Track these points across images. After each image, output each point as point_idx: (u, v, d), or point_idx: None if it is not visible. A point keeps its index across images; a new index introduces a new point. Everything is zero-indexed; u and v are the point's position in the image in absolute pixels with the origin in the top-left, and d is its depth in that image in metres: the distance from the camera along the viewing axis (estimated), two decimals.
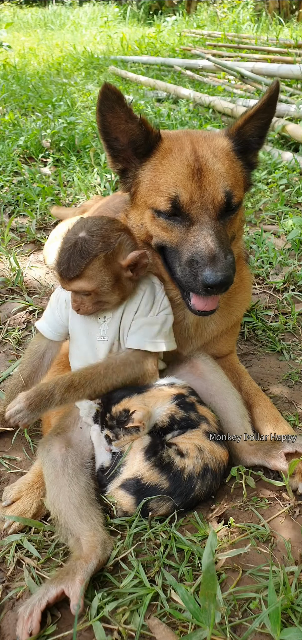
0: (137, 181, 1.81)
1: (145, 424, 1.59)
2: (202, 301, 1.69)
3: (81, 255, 1.61)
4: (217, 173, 1.70)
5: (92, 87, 7.79)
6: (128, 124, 1.73)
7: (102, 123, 1.74)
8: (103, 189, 4.19)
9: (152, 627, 1.29)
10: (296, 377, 2.29)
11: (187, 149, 1.74)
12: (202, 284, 1.57)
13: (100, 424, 1.66)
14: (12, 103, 6.77)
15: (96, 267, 1.63)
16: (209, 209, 1.67)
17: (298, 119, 5.36)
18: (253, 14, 15.64)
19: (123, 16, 18.77)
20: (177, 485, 1.54)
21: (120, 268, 1.69)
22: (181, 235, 1.69)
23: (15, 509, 1.58)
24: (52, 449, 1.61)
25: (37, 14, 19.40)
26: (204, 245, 1.59)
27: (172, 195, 1.67)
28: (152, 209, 1.74)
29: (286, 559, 1.46)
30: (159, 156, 1.76)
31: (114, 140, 1.78)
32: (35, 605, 1.28)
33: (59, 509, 1.49)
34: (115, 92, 1.66)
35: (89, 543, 1.41)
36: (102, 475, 1.61)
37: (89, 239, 1.63)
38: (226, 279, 1.54)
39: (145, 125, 1.73)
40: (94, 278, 1.64)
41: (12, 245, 3.43)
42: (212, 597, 1.25)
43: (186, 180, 1.67)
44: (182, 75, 8.45)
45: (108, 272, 1.66)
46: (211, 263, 1.55)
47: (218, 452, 1.64)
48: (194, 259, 1.60)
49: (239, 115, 1.88)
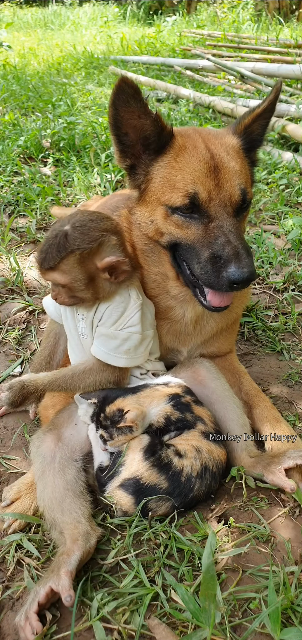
0: (148, 178, 1.78)
1: (139, 424, 1.59)
2: (218, 297, 1.70)
3: (58, 248, 1.60)
4: (232, 171, 1.71)
5: (92, 87, 7.80)
6: (141, 120, 1.70)
7: (115, 117, 1.70)
8: (103, 189, 4.19)
9: (152, 627, 1.29)
10: (296, 377, 2.29)
11: (200, 146, 1.75)
12: (227, 280, 1.57)
13: (95, 424, 1.66)
14: (12, 103, 6.78)
15: (70, 263, 1.61)
16: (226, 206, 1.68)
17: (298, 119, 5.36)
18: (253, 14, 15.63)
19: (123, 16, 18.78)
20: (176, 486, 1.54)
21: (96, 269, 1.66)
22: (199, 232, 1.68)
23: (15, 509, 1.59)
24: (41, 445, 1.63)
25: (37, 14, 19.40)
26: (227, 242, 1.60)
27: (190, 192, 1.67)
28: (166, 205, 1.72)
29: (286, 559, 1.46)
30: (174, 153, 1.75)
31: (124, 135, 1.75)
32: (28, 609, 1.29)
33: (44, 504, 1.51)
34: (132, 86, 1.63)
35: (71, 536, 1.41)
36: (101, 474, 1.61)
37: (70, 234, 1.62)
38: (251, 275, 1.56)
39: (160, 121, 1.72)
40: (68, 273, 1.63)
41: (12, 245, 3.43)
42: (212, 597, 1.25)
43: (203, 178, 1.68)
44: (182, 75, 8.45)
45: (81, 270, 1.63)
46: (235, 260, 1.56)
47: (216, 452, 1.64)
48: (217, 255, 1.61)
49: (246, 114, 1.91)
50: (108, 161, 4.66)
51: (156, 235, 1.80)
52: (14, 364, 2.34)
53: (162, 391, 1.70)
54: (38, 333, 2.58)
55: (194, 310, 1.94)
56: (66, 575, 1.31)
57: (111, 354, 1.71)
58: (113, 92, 1.65)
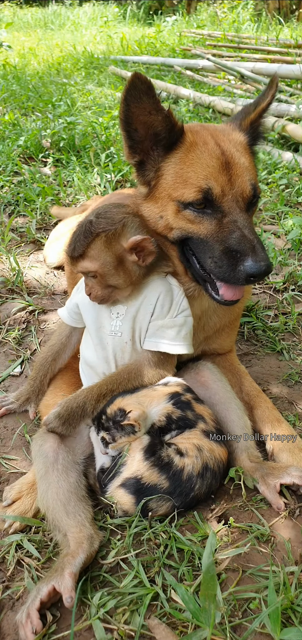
0: (159, 174, 1.79)
1: (142, 424, 1.59)
2: (231, 291, 1.72)
3: (85, 235, 1.66)
4: (243, 167, 1.75)
5: (92, 87, 7.80)
6: (151, 116, 1.71)
7: (126, 113, 1.71)
8: (103, 189, 4.19)
9: (152, 627, 1.29)
10: (296, 377, 2.29)
11: (210, 142, 1.77)
12: (245, 274, 1.60)
13: (96, 426, 1.66)
14: (12, 103, 6.78)
15: (98, 246, 1.66)
16: (238, 201, 1.71)
17: (298, 119, 5.36)
18: (253, 14, 15.63)
19: (123, 16, 18.78)
20: (177, 485, 1.54)
21: (123, 250, 1.69)
22: (212, 227, 1.70)
23: (16, 509, 1.58)
24: (44, 444, 1.62)
25: (37, 14, 19.41)
26: (242, 236, 1.63)
27: (204, 188, 1.68)
28: (177, 201, 1.73)
29: (286, 559, 1.46)
30: (185, 149, 1.77)
31: (134, 131, 1.76)
32: (29, 606, 1.29)
33: (47, 505, 1.50)
34: (145, 82, 1.64)
35: (76, 539, 1.42)
36: (103, 475, 1.61)
37: (94, 221, 1.68)
38: (268, 268, 1.59)
39: (172, 117, 1.73)
40: (97, 258, 1.66)
41: (12, 245, 3.43)
42: (212, 597, 1.25)
43: (216, 173, 1.70)
44: (182, 75, 8.45)
45: (109, 253, 1.67)
46: (252, 254, 1.59)
47: (217, 451, 1.64)
48: (233, 249, 1.63)
49: (249, 109, 1.96)
50: (108, 161, 4.67)
51: (164, 231, 1.81)
52: (14, 364, 2.34)
53: (161, 390, 1.70)
54: (38, 333, 2.58)
55: (200, 305, 1.96)
56: (70, 577, 1.31)
57: (172, 343, 1.74)
58: (126, 88, 1.65)
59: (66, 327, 2.01)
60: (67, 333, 2.02)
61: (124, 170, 4.40)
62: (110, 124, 5.58)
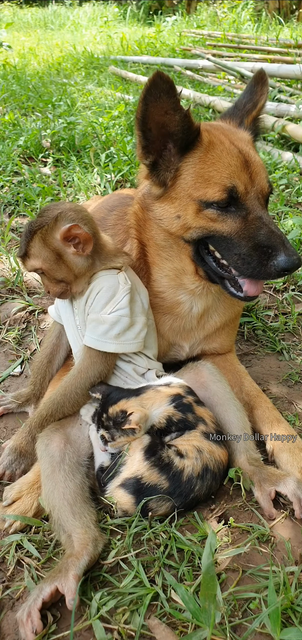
0: (177, 174, 1.78)
1: (142, 426, 1.59)
2: (254, 286, 1.76)
3: (25, 235, 1.74)
4: (259, 164, 1.79)
5: (92, 87, 7.79)
6: (168, 116, 1.69)
7: (144, 112, 1.68)
8: (103, 189, 4.19)
9: (152, 627, 1.29)
10: (296, 377, 2.29)
11: (226, 141, 1.79)
12: (279, 268, 1.63)
13: (96, 423, 1.66)
14: (12, 103, 6.78)
15: (36, 244, 1.73)
16: (259, 198, 1.75)
17: (298, 119, 5.36)
18: (253, 14, 15.63)
19: (123, 16, 18.77)
20: (177, 486, 1.54)
21: (58, 243, 1.73)
22: (236, 225, 1.71)
23: (16, 509, 1.58)
24: (50, 443, 1.62)
25: (37, 14, 19.40)
26: (271, 232, 1.66)
27: (228, 187, 1.70)
28: (199, 201, 1.73)
29: (286, 559, 1.46)
30: (203, 149, 1.77)
31: (148, 131, 1.74)
32: (31, 605, 1.29)
33: (53, 504, 1.50)
34: (167, 81, 1.61)
35: (81, 540, 1.41)
36: (102, 474, 1.61)
37: (33, 220, 1.76)
38: (300, 262, 1.63)
39: (190, 117, 1.73)
40: (38, 255, 1.74)
41: (12, 245, 3.43)
42: (212, 597, 1.25)
43: (239, 172, 1.72)
44: (182, 75, 8.45)
45: (47, 248, 1.73)
46: (284, 249, 1.63)
47: (217, 453, 1.64)
48: (264, 245, 1.65)
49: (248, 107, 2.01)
50: (108, 161, 4.66)
51: (179, 230, 1.80)
52: (14, 364, 2.34)
53: (164, 392, 1.70)
54: (38, 333, 2.58)
55: (204, 304, 1.97)
56: (74, 579, 1.31)
57: (100, 339, 1.72)
58: (146, 86, 1.62)
59: (56, 327, 2.06)
60: (57, 333, 2.06)
61: (124, 170, 4.40)
62: (110, 124, 5.58)
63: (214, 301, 2.00)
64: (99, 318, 1.74)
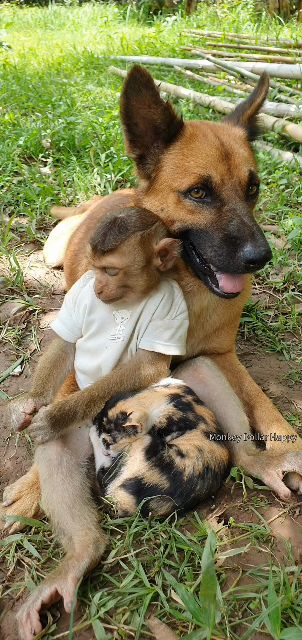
0: (159, 166, 1.80)
1: (143, 425, 1.59)
2: (231, 282, 1.72)
3: (119, 230, 1.66)
4: (242, 157, 1.77)
5: (92, 87, 7.79)
6: (151, 109, 1.72)
7: (126, 106, 1.72)
8: (103, 189, 4.19)
9: (152, 627, 1.29)
10: (295, 377, 2.29)
11: (210, 134, 1.80)
12: (244, 259, 1.59)
13: (98, 428, 1.66)
14: (12, 103, 6.78)
15: (132, 244, 1.66)
16: (238, 190, 1.72)
17: (298, 119, 5.36)
18: (253, 14, 15.63)
19: (123, 16, 18.77)
20: (178, 486, 1.54)
21: (152, 252, 1.72)
22: (211, 216, 1.71)
23: (16, 509, 1.58)
24: (47, 447, 1.61)
25: (37, 14, 19.40)
26: (241, 223, 1.63)
27: (203, 176, 1.69)
28: (177, 191, 1.74)
29: (286, 559, 1.46)
30: (184, 141, 1.79)
31: (134, 125, 1.77)
32: (30, 606, 1.29)
33: (52, 508, 1.49)
34: (144, 75, 1.65)
35: (81, 542, 1.41)
36: (103, 476, 1.61)
37: (128, 218, 1.69)
38: (268, 254, 1.58)
39: (170, 109, 1.75)
40: (127, 255, 1.66)
41: (12, 245, 3.43)
42: (212, 597, 1.25)
43: (216, 162, 1.72)
44: (182, 75, 8.45)
45: (141, 252, 1.68)
46: (251, 239, 1.59)
47: (218, 452, 1.64)
48: (232, 236, 1.62)
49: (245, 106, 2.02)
50: (108, 161, 4.66)
51: (167, 224, 1.81)
52: (14, 363, 2.34)
53: (161, 392, 1.70)
54: (38, 333, 2.58)
55: (199, 302, 1.96)
56: (73, 581, 1.30)
57: (167, 344, 1.74)
58: (125, 80, 1.67)
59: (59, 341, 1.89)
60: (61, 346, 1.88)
61: (124, 170, 4.40)
62: (110, 124, 5.58)
63: (211, 300, 1.99)
64: (166, 323, 1.76)
